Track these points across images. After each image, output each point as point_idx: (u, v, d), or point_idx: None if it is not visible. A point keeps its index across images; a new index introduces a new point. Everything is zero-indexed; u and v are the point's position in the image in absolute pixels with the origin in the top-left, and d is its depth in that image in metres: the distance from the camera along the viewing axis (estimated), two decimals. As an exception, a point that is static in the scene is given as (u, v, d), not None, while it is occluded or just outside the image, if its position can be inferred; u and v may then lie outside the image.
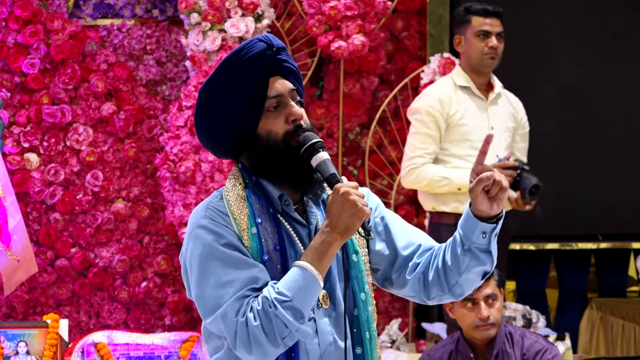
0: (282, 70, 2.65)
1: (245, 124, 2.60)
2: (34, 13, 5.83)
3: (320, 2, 5.92)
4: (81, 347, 5.28)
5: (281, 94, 2.62)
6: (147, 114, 6.18)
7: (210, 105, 2.63)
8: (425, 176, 5.21)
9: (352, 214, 2.53)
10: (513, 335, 4.31)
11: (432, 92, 5.37)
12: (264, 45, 2.61)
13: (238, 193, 2.63)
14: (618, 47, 6.82)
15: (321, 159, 2.59)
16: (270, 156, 2.61)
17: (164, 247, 6.19)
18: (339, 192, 2.54)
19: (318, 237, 2.56)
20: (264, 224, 2.59)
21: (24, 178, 5.91)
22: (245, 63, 2.59)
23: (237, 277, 2.52)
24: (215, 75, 2.62)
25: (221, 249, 2.55)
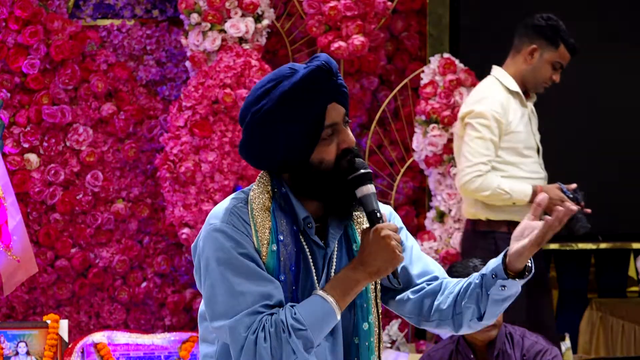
0: (338, 95, 2.58)
1: (298, 153, 2.54)
2: (34, 13, 5.83)
3: (320, 2, 5.92)
4: (81, 347, 5.28)
5: (337, 122, 2.57)
6: (147, 114, 6.18)
7: (265, 134, 2.55)
8: (488, 186, 5.04)
9: (388, 259, 2.51)
10: (513, 336, 4.31)
11: (493, 95, 5.15)
12: (326, 74, 2.53)
13: (264, 203, 2.57)
14: (618, 47, 6.82)
15: (367, 192, 2.55)
16: (318, 180, 2.56)
17: (164, 247, 6.19)
18: (380, 234, 2.50)
19: (348, 271, 2.53)
20: (285, 242, 2.55)
21: (24, 178, 5.91)
22: (309, 94, 2.53)
23: (251, 289, 2.49)
24: (274, 106, 2.52)
25: (239, 258, 2.51)
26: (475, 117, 5.11)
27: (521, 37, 5.24)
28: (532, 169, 5.19)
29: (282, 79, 2.55)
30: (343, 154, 2.56)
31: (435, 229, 6.00)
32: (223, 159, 5.76)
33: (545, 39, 5.17)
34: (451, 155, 5.92)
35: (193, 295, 6.18)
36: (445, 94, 5.92)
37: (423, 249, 5.94)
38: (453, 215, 5.95)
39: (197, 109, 5.75)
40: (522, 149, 5.13)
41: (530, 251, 2.57)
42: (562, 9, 6.78)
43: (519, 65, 5.21)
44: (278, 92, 2.53)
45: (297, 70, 2.55)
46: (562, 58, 5.19)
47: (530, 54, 5.19)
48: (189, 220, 5.75)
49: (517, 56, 5.24)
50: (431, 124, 5.93)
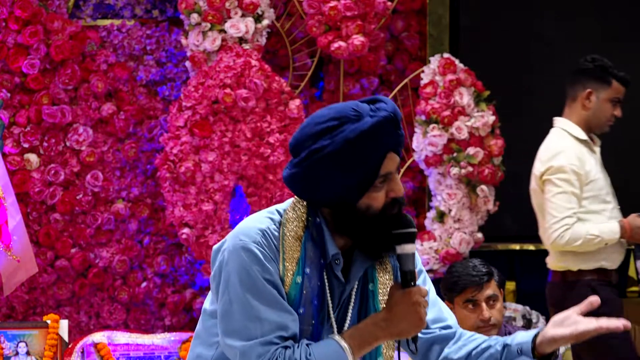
0: (398, 145, 2.55)
1: (349, 196, 2.51)
2: (34, 13, 5.83)
3: (320, 2, 5.92)
4: (81, 347, 5.28)
5: (391, 171, 2.54)
6: (147, 115, 6.17)
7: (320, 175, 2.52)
8: (578, 236, 5.03)
9: (413, 325, 2.50)
10: (513, 336, 4.30)
11: (567, 148, 5.14)
12: (393, 126, 2.50)
13: (297, 231, 2.54)
14: (618, 47, 6.81)
15: (409, 252, 2.52)
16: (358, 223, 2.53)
17: (164, 247, 6.19)
18: (412, 299, 2.49)
19: (370, 325, 2.51)
20: (310, 274, 2.53)
21: (24, 178, 5.90)
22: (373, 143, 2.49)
23: (269, 318, 2.47)
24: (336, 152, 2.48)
25: (263, 283, 2.48)
26: (554, 173, 5.10)
27: (573, 84, 5.25)
28: (614, 214, 5.23)
29: (345, 121, 2.50)
30: (391, 203, 2.53)
31: (435, 229, 6.00)
32: (223, 159, 5.76)
33: (596, 80, 5.18)
34: (451, 155, 5.93)
35: (193, 295, 6.18)
36: (445, 94, 5.92)
37: (423, 249, 5.95)
38: (453, 215, 5.95)
39: (197, 109, 5.75)
40: (604, 196, 5.15)
41: (565, 342, 2.58)
42: (562, 9, 6.79)
43: (579, 112, 5.21)
44: (342, 137, 2.49)
45: (362, 114, 2.51)
46: (618, 93, 5.20)
47: (587, 99, 5.18)
48: (189, 220, 5.75)
49: (574, 104, 5.23)
50: (431, 124, 5.93)
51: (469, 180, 5.95)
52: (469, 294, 4.19)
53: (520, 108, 6.66)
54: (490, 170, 5.93)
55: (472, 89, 5.99)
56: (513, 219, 6.79)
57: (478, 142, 5.93)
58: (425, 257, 5.92)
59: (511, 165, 6.12)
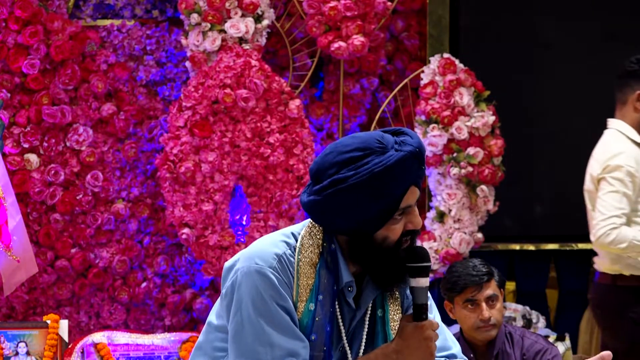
0: (420, 179, 2.56)
1: (367, 227, 2.52)
2: (34, 14, 5.83)
3: (320, 2, 5.92)
4: (81, 347, 5.28)
5: (411, 205, 2.55)
6: (147, 115, 6.17)
7: (341, 205, 2.51)
8: (624, 238, 4.98)
9: (423, 358, 2.51)
10: (513, 336, 4.31)
11: (626, 150, 5.10)
12: (417, 162, 2.51)
13: (312, 258, 2.55)
14: (618, 47, 6.81)
15: (422, 285, 2.53)
16: (373, 253, 2.54)
17: (164, 247, 6.19)
18: (424, 334, 2.51)
19: (379, 356, 2.53)
20: (323, 302, 2.53)
21: (24, 178, 5.90)
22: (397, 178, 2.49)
23: (281, 344, 2.48)
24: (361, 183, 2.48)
25: (276, 308, 2.50)
26: (609, 172, 5.07)
27: (622, 87, 5.19)
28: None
29: (370, 153, 2.49)
30: (406, 234, 2.54)
31: (435, 229, 6.00)
32: (223, 159, 5.76)
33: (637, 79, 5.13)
34: (451, 156, 5.93)
35: (193, 295, 6.18)
36: (445, 94, 5.93)
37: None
38: (453, 216, 5.96)
39: (197, 109, 5.75)
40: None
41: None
42: (562, 9, 6.79)
43: (631, 115, 5.17)
44: (367, 169, 2.48)
45: (387, 146, 2.51)
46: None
47: (638, 100, 5.14)
48: (189, 220, 5.75)
49: (625, 107, 5.19)
50: (431, 124, 5.93)
51: (469, 180, 5.95)
52: (468, 294, 4.20)
53: (520, 108, 6.66)
54: (490, 170, 5.93)
55: (472, 89, 6.00)
56: (513, 219, 6.79)
57: (478, 142, 5.94)
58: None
59: (511, 165, 6.12)
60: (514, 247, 6.73)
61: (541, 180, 6.82)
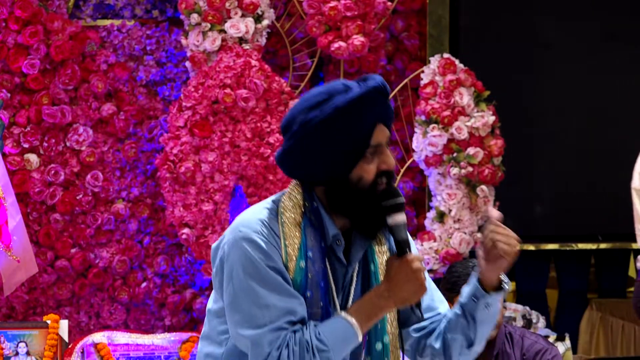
0: (387, 117, 2.61)
1: (341, 168, 2.56)
2: (34, 14, 5.83)
3: (320, 2, 5.92)
4: (81, 347, 5.28)
5: (381, 143, 2.59)
6: (147, 115, 6.17)
7: (310, 144, 2.56)
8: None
9: (414, 291, 2.55)
10: (513, 336, 4.31)
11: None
12: (381, 96, 2.57)
13: (295, 217, 2.59)
14: (618, 47, 6.81)
15: (400, 222, 2.58)
16: (352, 198, 2.57)
17: (164, 247, 6.19)
18: (411, 266, 2.54)
19: (373, 297, 2.56)
20: (313, 258, 2.56)
21: (24, 178, 5.90)
22: (362, 113, 2.54)
23: (276, 303, 2.50)
24: (327, 120, 2.54)
25: (267, 270, 2.52)
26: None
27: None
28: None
29: (335, 94, 2.56)
30: (380, 175, 2.58)
31: (435, 229, 5.99)
32: (223, 159, 5.76)
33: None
34: (451, 156, 5.93)
35: (193, 295, 6.18)
36: (445, 94, 5.92)
37: (423, 249, 5.95)
38: (453, 216, 5.95)
39: (197, 109, 5.75)
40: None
41: (493, 262, 2.63)
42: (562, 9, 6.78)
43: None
44: (331, 106, 2.54)
45: (351, 87, 2.57)
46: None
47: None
48: (189, 220, 5.75)
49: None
50: (431, 124, 5.93)
51: (469, 180, 5.95)
52: (468, 294, 4.19)
53: (520, 108, 6.66)
54: (490, 170, 5.93)
55: (472, 89, 5.99)
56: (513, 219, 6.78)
57: (478, 142, 5.93)
58: (425, 257, 5.92)
59: (511, 165, 6.12)
60: (514, 247, 6.71)
61: (541, 180, 6.81)
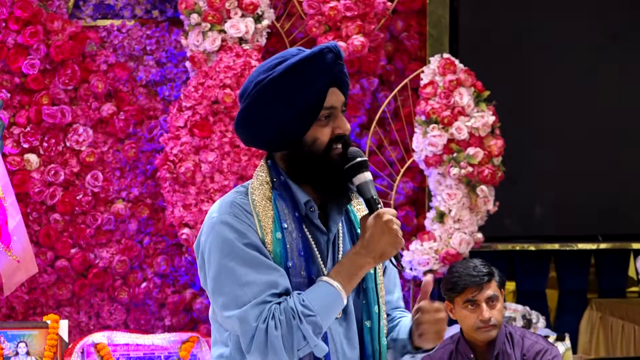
0: (340, 82, 2.64)
1: (295, 128, 2.59)
2: (34, 14, 5.83)
3: (320, 2, 5.92)
4: (81, 347, 5.28)
5: (335, 106, 2.63)
6: (147, 115, 6.17)
7: (265, 104, 2.60)
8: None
9: (391, 243, 2.56)
10: (513, 336, 4.31)
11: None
12: (334, 57, 2.60)
13: (264, 193, 2.62)
14: (618, 47, 6.82)
15: (365, 179, 2.60)
16: (310, 162, 2.60)
17: (164, 247, 6.19)
18: (382, 219, 2.55)
19: (351, 256, 2.57)
20: (289, 229, 2.59)
21: (24, 179, 5.90)
22: (313, 72, 2.58)
23: (257, 279, 2.52)
24: (279, 77, 2.58)
25: (243, 248, 2.55)
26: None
27: None
28: None
29: (288, 57, 2.61)
30: (336, 139, 2.62)
31: (435, 229, 5.99)
32: (223, 159, 5.76)
33: None
34: (451, 156, 5.93)
35: (193, 295, 6.18)
36: (445, 94, 5.92)
37: (423, 249, 5.95)
38: (453, 216, 5.95)
39: (197, 109, 5.75)
40: None
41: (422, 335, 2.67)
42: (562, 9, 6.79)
43: None
44: (285, 64, 2.59)
45: (304, 50, 2.63)
46: None
47: None
48: (189, 220, 5.75)
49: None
50: (431, 124, 5.93)
51: (469, 180, 5.95)
52: (469, 294, 4.19)
53: (520, 108, 6.66)
54: (490, 170, 5.93)
55: (472, 89, 5.99)
56: (513, 219, 6.79)
57: (478, 142, 5.93)
58: (425, 257, 5.92)
59: (511, 165, 6.12)
60: (514, 247, 6.73)
61: (541, 180, 6.82)
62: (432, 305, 2.65)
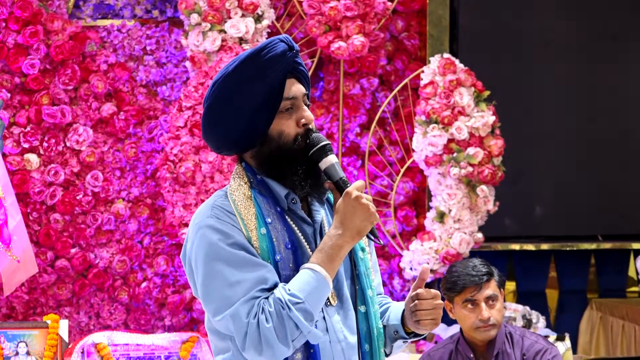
0: (298, 73, 2.66)
1: (258, 123, 2.61)
2: (34, 14, 5.83)
3: (320, 2, 5.92)
4: (81, 347, 5.28)
5: (296, 96, 2.64)
6: (147, 115, 6.18)
7: (225, 100, 2.62)
8: None
9: (364, 218, 2.56)
10: (513, 336, 4.31)
11: None
12: (285, 47, 2.62)
13: (244, 192, 2.63)
14: (618, 48, 6.82)
15: (330, 162, 2.61)
16: (279, 156, 2.62)
17: (164, 247, 6.19)
18: (351, 196, 2.56)
19: (328, 239, 2.58)
20: (273, 224, 2.60)
21: (24, 179, 5.90)
22: (266, 62, 2.60)
23: (245, 277, 2.53)
24: (234, 71, 2.61)
25: (228, 249, 2.55)
26: None
27: None
28: None
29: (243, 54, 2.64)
30: (304, 134, 2.63)
31: (435, 229, 6.00)
32: (223, 159, 5.76)
33: None
34: (451, 156, 5.93)
35: (193, 295, 6.18)
36: (445, 94, 5.93)
37: (423, 249, 5.96)
38: (453, 216, 5.95)
39: (197, 109, 5.76)
40: None
41: (414, 321, 2.70)
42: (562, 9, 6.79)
43: None
44: (238, 58, 2.62)
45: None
46: None
47: None
48: (189, 220, 5.75)
49: None
50: (431, 124, 5.93)
51: (469, 180, 5.95)
52: (468, 294, 4.19)
53: (520, 108, 6.66)
54: (490, 170, 5.93)
55: (472, 89, 5.99)
56: (513, 219, 6.80)
57: (478, 142, 5.94)
58: (425, 257, 5.93)
59: (511, 165, 6.13)
60: (514, 247, 6.73)
61: (541, 180, 6.82)
62: (429, 291, 2.67)
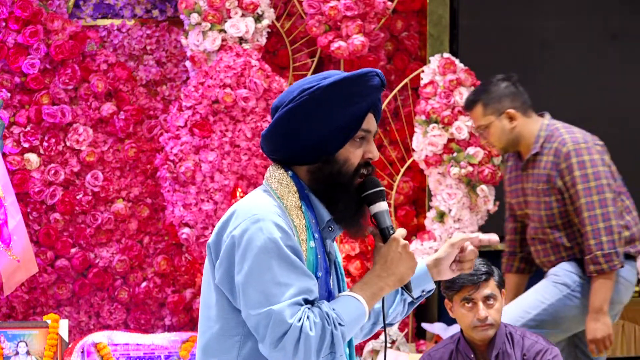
0: (377, 110, 2.70)
1: (331, 143, 2.63)
2: (34, 13, 5.83)
3: (320, 2, 5.92)
4: (81, 347, 5.29)
5: (370, 131, 2.67)
6: (147, 114, 6.18)
7: (308, 111, 2.62)
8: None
9: (409, 267, 2.65)
10: (513, 336, 4.31)
11: None
12: (379, 82, 2.65)
13: (294, 202, 2.63)
14: (618, 47, 6.82)
15: (382, 209, 2.66)
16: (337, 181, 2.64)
17: (164, 247, 6.19)
18: (399, 244, 2.63)
19: (373, 277, 2.63)
20: (319, 239, 2.65)
21: (24, 178, 5.91)
22: (361, 90, 2.63)
23: (294, 282, 2.53)
24: (327, 87, 2.61)
25: (285, 250, 2.55)
26: None
27: None
28: None
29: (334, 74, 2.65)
30: (365, 164, 2.66)
31: (435, 229, 6.00)
32: (223, 159, 5.76)
33: None
34: (451, 155, 5.93)
35: (193, 295, 6.18)
36: (445, 94, 5.93)
37: (423, 249, 5.95)
38: (453, 216, 5.95)
39: (197, 109, 5.76)
40: None
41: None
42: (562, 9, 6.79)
43: None
44: (333, 78, 2.62)
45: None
46: None
47: None
48: (189, 220, 5.75)
49: None
50: (431, 124, 5.93)
51: (469, 180, 5.95)
52: (466, 293, 4.20)
53: (520, 108, 6.65)
54: (490, 170, 5.93)
55: (472, 89, 5.99)
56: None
57: (478, 142, 5.94)
58: (425, 257, 5.92)
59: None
60: (514, 247, 6.71)
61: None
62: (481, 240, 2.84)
